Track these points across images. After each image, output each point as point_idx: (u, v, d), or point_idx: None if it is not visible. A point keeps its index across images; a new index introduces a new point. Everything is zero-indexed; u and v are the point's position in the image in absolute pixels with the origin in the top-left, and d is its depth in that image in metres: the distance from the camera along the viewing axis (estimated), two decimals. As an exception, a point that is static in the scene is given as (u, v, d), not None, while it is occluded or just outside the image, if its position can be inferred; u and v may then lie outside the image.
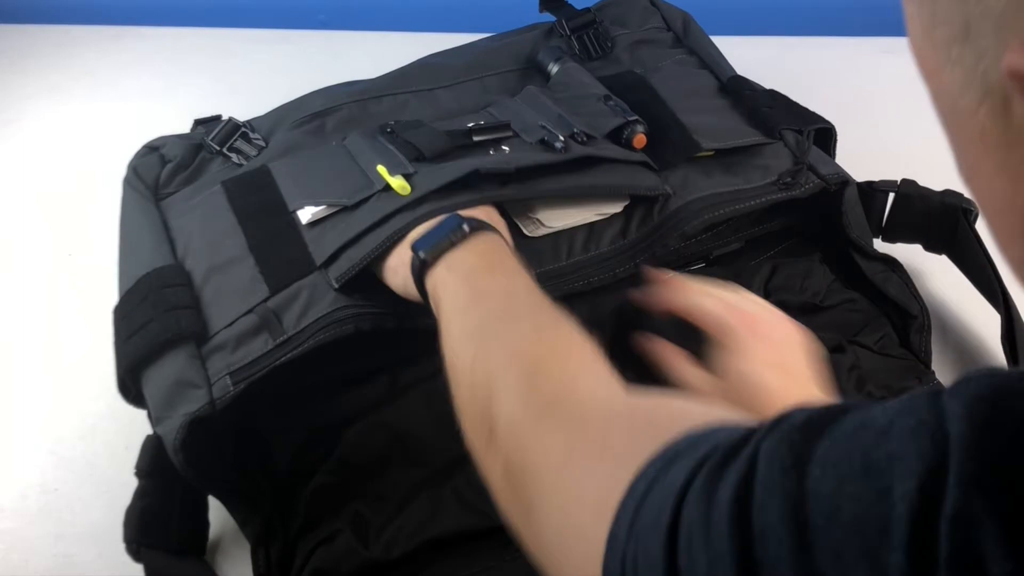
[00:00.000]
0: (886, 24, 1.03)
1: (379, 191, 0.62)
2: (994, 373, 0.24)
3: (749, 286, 0.69)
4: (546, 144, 0.65)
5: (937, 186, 0.72)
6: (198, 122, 0.77)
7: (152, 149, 0.76)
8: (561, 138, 0.65)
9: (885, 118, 0.95)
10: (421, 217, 0.59)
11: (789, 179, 0.67)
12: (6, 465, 0.69)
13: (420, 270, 0.55)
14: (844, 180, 0.68)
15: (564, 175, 0.65)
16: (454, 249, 0.54)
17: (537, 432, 0.42)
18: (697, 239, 0.70)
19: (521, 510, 0.42)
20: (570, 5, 0.84)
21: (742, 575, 0.27)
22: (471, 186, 0.62)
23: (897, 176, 0.74)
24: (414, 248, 0.55)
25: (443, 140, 0.65)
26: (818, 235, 0.75)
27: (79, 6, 1.15)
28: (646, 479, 0.34)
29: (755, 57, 0.83)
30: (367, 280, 0.61)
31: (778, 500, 0.26)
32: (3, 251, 0.86)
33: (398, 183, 0.62)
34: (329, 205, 0.64)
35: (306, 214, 0.64)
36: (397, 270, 0.58)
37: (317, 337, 0.58)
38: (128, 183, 0.73)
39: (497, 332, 0.49)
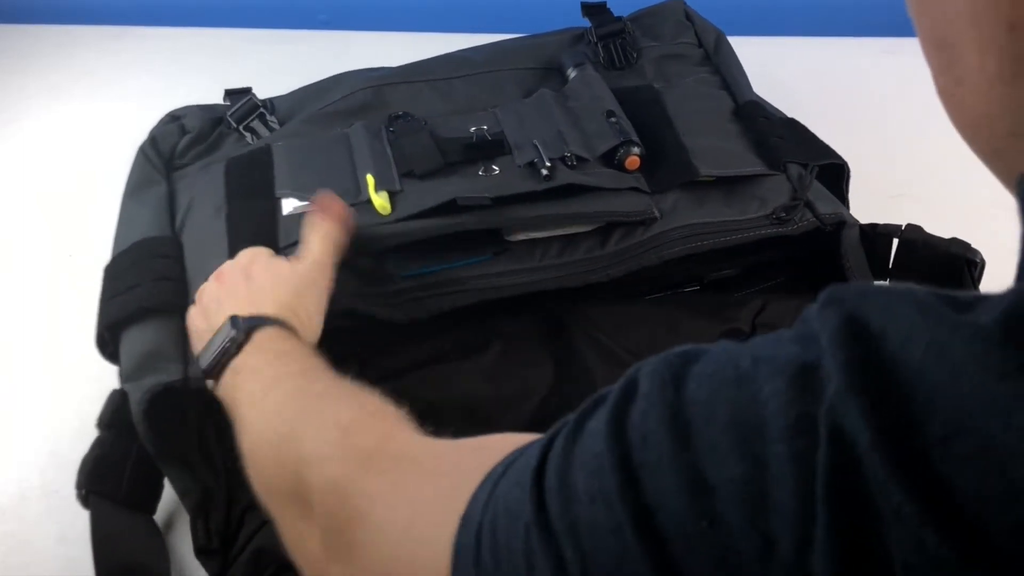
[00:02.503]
0: (886, 24, 1.03)
1: (362, 202, 0.65)
2: (845, 288, 0.26)
3: (738, 317, 0.69)
4: (533, 168, 0.66)
5: (937, 185, 0.72)
6: (229, 92, 0.79)
7: (174, 118, 0.79)
8: (548, 164, 0.65)
9: (885, 118, 0.95)
10: (395, 235, 0.62)
11: (783, 214, 0.66)
12: (6, 466, 0.69)
13: (214, 385, 0.54)
14: (840, 220, 0.66)
15: (542, 203, 0.65)
16: (236, 356, 0.53)
17: (361, 482, 0.41)
18: (683, 263, 0.68)
19: (344, 560, 0.41)
20: (609, 12, 0.83)
21: (623, 480, 0.27)
22: (447, 212, 0.63)
23: (897, 177, 0.74)
24: (202, 368, 0.54)
25: (436, 159, 0.67)
26: (816, 271, 0.73)
27: (79, 6, 1.15)
28: (494, 476, 0.34)
29: (755, 57, 0.83)
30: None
31: (658, 408, 0.27)
32: (3, 251, 0.86)
33: (380, 202, 0.64)
34: (312, 202, 0.65)
35: (288, 205, 0.67)
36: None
37: None
38: (143, 150, 0.76)
39: (301, 408, 0.48)
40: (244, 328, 0.53)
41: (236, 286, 0.58)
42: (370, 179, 0.66)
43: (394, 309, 0.64)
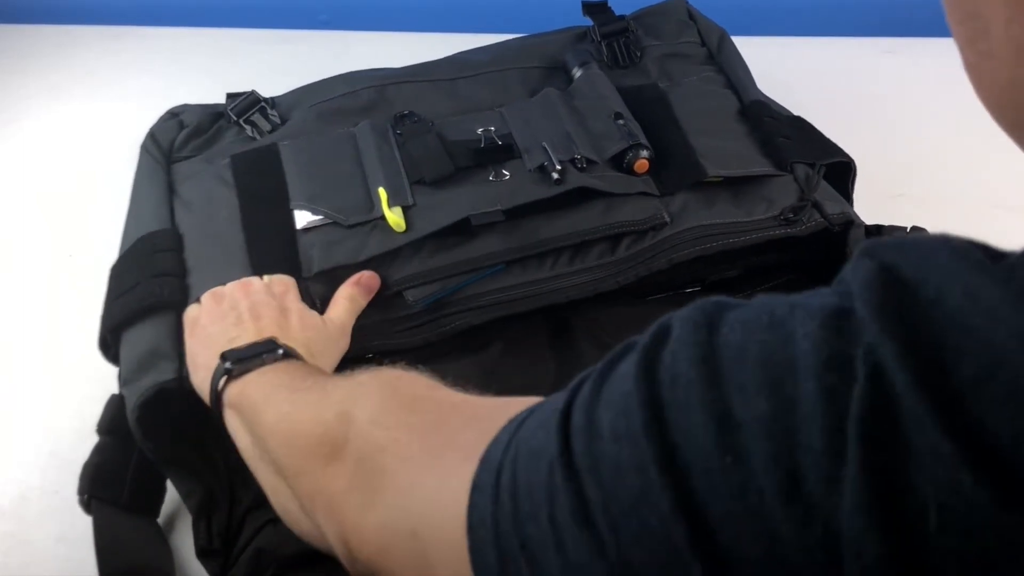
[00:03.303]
0: (886, 24, 1.03)
1: (376, 219, 0.65)
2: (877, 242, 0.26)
3: None
4: (544, 171, 0.66)
5: (937, 185, 0.72)
6: (231, 96, 0.79)
7: (173, 115, 0.79)
8: (558, 167, 0.65)
9: (885, 118, 0.95)
10: (415, 276, 0.63)
11: (791, 215, 0.65)
12: (6, 467, 0.69)
13: (224, 378, 0.54)
14: (848, 220, 0.66)
15: (556, 214, 0.65)
16: (263, 366, 0.54)
17: (404, 416, 0.43)
18: (689, 265, 0.67)
19: (367, 488, 0.42)
20: (611, 10, 0.83)
21: (649, 416, 0.27)
22: (463, 231, 0.64)
23: (897, 177, 0.74)
24: (223, 356, 0.55)
25: (446, 164, 0.67)
26: (820, 273, 0.73)
27: (79, 6, 1.15)
28: (517, 420, 0.35)
29: (755, 57, 0.83)
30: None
31: (689, 349, 0.27)
32: (3, 251, 0.86)
33: (394, 219, 0.64)
34: (326, 216, 0.66)
35: (303, 218, 0.66)
36: (198, 369, 0.58)
37: None
38: (144, 147, 0.77)
39: (342, 382, 0.49)
40: (284, 351, 0.55)
41: (265, 304, 0.60)
42: (383, 193, 0.65)
43: (408, 335, 0.64)
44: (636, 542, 0.27)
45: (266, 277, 0.63)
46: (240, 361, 0.54)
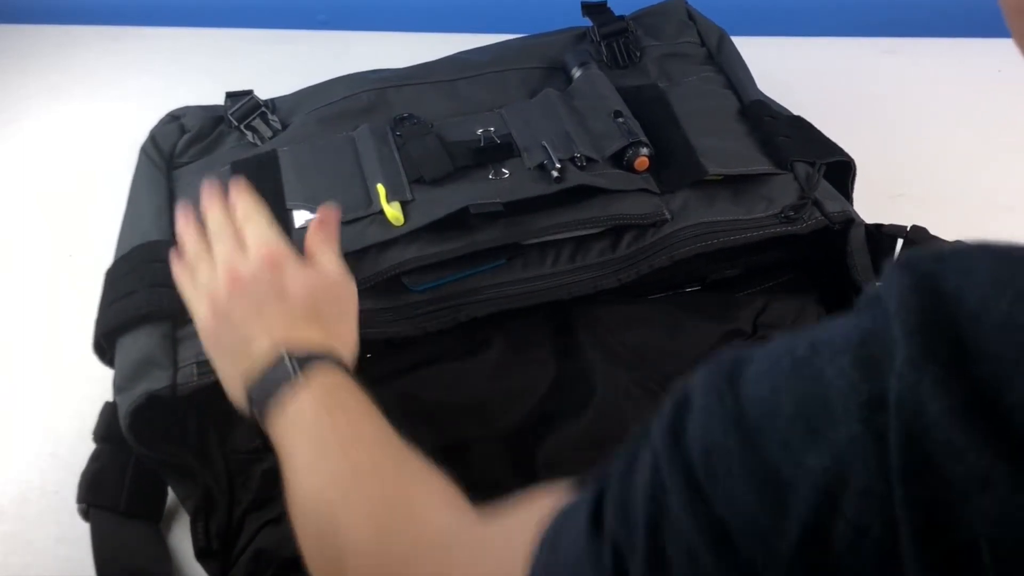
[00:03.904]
0: (886, 24, 1.03)
1: (374, 214, 0.65)
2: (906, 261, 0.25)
3: (739, 317, 0.69)
4: (544, 170, 0.66)
5: (937, 185, 0.72)
6: (230, 95, 0.79)
7: (174, 118, 0.79)
8: (558, 165, 0.65)
9: (885, 118, 0.95)
10: (411, 260, 0.62)
11: (792, 213, 0.65)
12: (6, 467, 0.69)
13: (259, 416, 0.51)
14: (849, 219, 0.66)
15: (556, 209, 0.65)
16: (290, 398, 0.50)
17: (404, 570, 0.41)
18: (689, 263, 0.67)
19: None
20: (610, 11, 0.83)
21: (689, 498, 0.26)
22: (462, 223, 0.63)
23: (897, 177, 0.74)
24: (248, 395, 0.52)
25: (446, 163, 0.67)
26: (819, 272, 0.73)
27: (79, 6, 1.15)
28: (551, 529, 0.32)
29: (755, 57, 0.83)
30: None
31: (719, 417, 0.26)
32: (3, 251, 0.86)
33: (393, 213, 0.64)
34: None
35: (300, 218, 0.66)
36: (228, 384, 0.56)
37: None
38: (144, 150, 0.77)
39: (344, 493, 0.46)
40: (299, 368, 0.50)
41: (265, 297, 0.54)
42: (381, 189, 0.65)
43: (408, 324, 0.64)
44: None
45: (251, 248, 0.57)
46: (259, 395, 0.51)
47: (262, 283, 0.55)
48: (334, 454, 0.48)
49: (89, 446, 0.63)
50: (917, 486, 0.21)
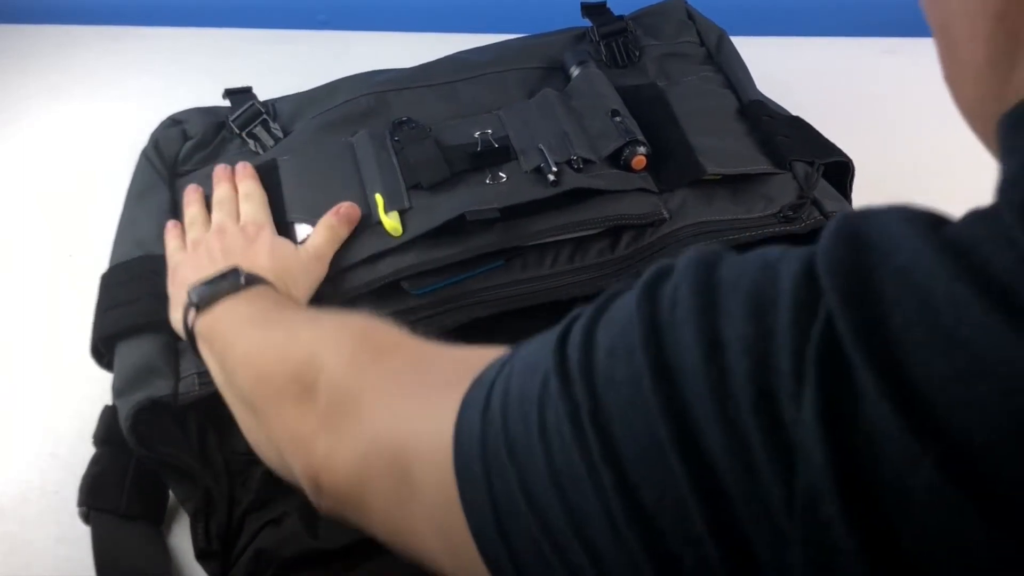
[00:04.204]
0: (886, 24, 1.03)
1: (373, 224, 0.65)
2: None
3: None
4: (540, 173, 0.65)
5: (937, 185, 0.72)
6: (228, 92, 0.79)
7: (176, 122, 0.79)
8: (555, 168, 0.65)
9: (885, 118, 0.95)
10: (410, 267, 0.63)
11: (790, 212, 0.66)
12: (6, 467, 0.69)
13: (192, 311, 0.56)
14: None
15: (553, 213, 0.65)
16: (229, 296, 0.55)
17: (379, 361, 0.44)
18: None
19: (337, 429, 0.42)
20: (610, 11, 0.83)
21: (646, 334, 0.30)
22: (460, 229, 0.63)
23: (897, 177, 0.74)
24: (188, 293, 0.57)
25: (443, 169, 0.67)
26: None
27: (79, 6, 1.15)
28: (515, 348, 0.36)
29: (754, 57, 0.83)
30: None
31: (689, 282, 0.30)
32: (3, 251, 0.86)
33: (391, 224, 0.64)
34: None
35: (302, 231, 0.67)
36: (174, 310, 0.61)
37: None
38: (146, 155, 0.77)
39: (310, 323, 0.51)
40: (246, 277, 0.57)
41: (236, 243, 0.63)
42: (379, 199, 0.66)
43: (409, 328, 0.64)
44: (622, 444, 0.29)
45: (242, 219, 0.66)
46: (203, 292, 0.56)
47: (240, 237, 0.64)
48: (290, 308, 0.54)
49: (89, 446, 0.63)
50: (828, 376, 0.25)
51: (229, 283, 0.56)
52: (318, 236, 0.64)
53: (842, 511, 0.24)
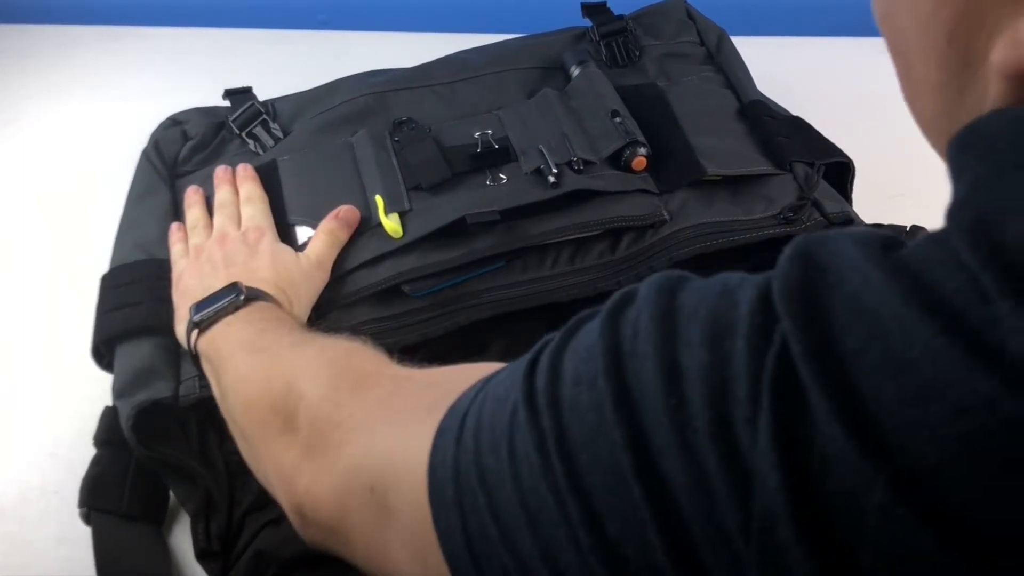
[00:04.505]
0: (886, 24, 1.03)
1: (373, 227, 0.65)
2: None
3: None
4: (540, 175, 0.65)
5: (937, 185, 0.72)
6: (229, 92, 0.79)
7: (176, 123, 0.79)
8: (555, 170, 0.65)
9: (885, 118, 0.94)
10: (411, 271, 0.63)
11: (791, 214, 0.66)
12: (6, 467, 0.69)
13: (195, 331, 0.58)
14: (848, 219, 0.66)
15: (553, 215, 0.65)
16: (229, 315, 0.57)
17: (356, 392, 0.44)
18: (685, 265, 0.67)
19: (320, 457, 0.43)
20: (610, 11, 0.83)
21: (609, 363, 0.30)
22: (459, 232, 0.63)
23: (897, 177, 0.74)
24: (190, 310, 0.58)
25: (443, 170, 0.67)
26: None
27: (79, 6, 1.15)
28: (487, 377, 0.37)
29: (754, 57, 0.83)
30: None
31: (651, 308, 0.30)
32: (3, 251, 0.86)
33: (391, 226, 0.64)
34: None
35: (303, 234, 0.67)
36: (179, 322, 0.62)
37: None
38: (147, 156, 0.77)
39: (298, 343, 0.51)
40: (246, 294, 0.57)
41: (238, 251, 0.63)
42: (379, 201, 0.65)
43: (410, 331, 0.64)
44: (587, 473, 0.29)
45: (243, 223, 0.66)
46: (204, 311, 0.57)
47: (242, 244, 0.64)
48: (283, 332, 0.54)
49: (89, 446, 0.63)
50: (783, 402, 0.26)
51: (229, 301, 0.57)
52: (318, 242, 0.64)
53: (798, 534, 0.24)
